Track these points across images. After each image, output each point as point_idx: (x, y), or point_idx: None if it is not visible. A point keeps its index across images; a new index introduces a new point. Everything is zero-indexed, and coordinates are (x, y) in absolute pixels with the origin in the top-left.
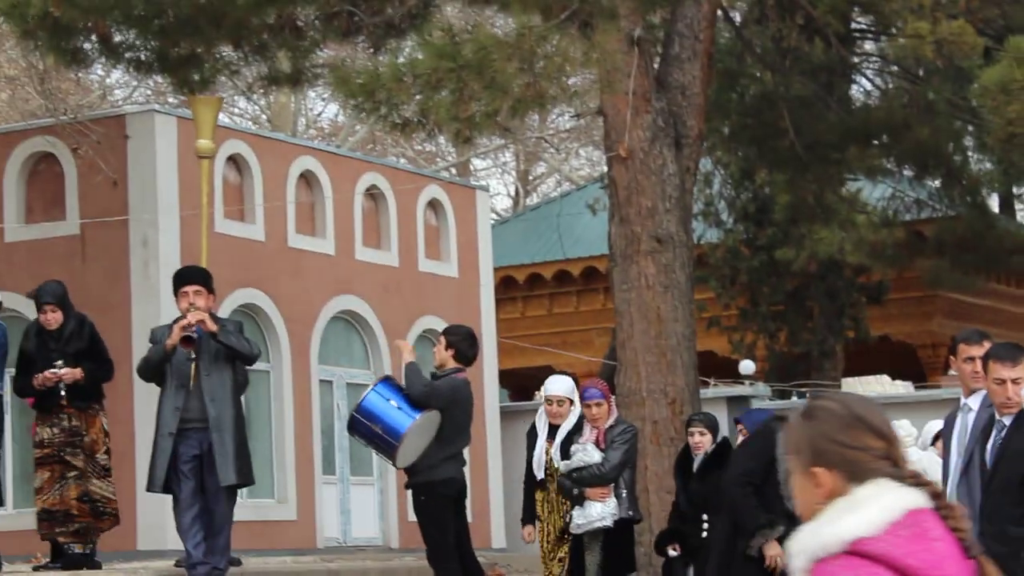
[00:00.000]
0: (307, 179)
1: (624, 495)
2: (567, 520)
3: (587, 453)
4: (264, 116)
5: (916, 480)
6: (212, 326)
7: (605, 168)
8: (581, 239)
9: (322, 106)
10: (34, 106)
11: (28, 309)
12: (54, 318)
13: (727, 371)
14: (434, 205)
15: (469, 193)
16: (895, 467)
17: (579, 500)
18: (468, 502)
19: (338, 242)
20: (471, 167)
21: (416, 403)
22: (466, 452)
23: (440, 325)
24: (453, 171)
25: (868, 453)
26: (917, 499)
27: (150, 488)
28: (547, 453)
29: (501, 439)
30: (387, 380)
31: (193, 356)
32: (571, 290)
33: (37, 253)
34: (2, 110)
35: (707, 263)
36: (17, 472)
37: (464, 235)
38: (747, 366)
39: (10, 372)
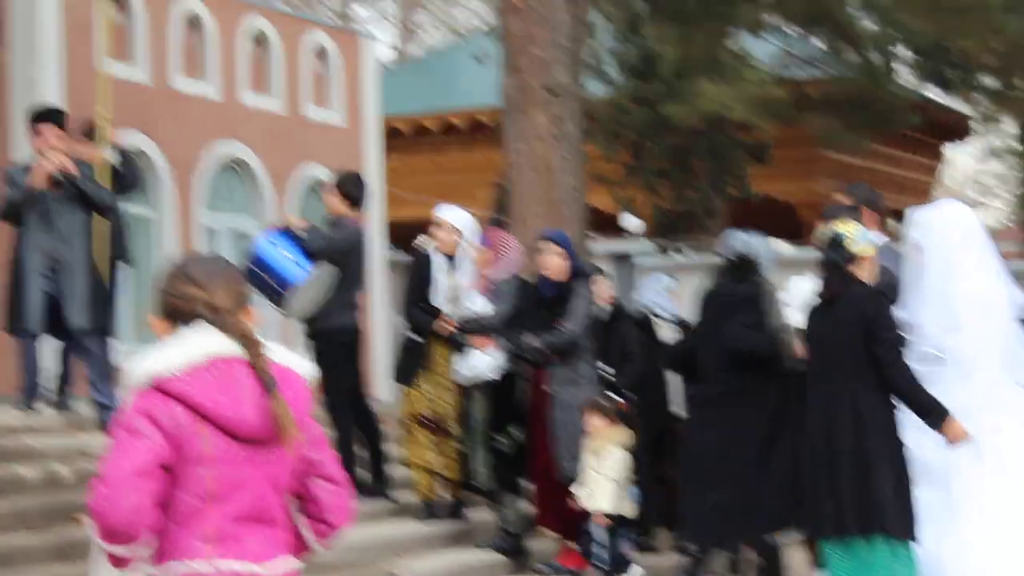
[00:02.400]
0: (191, 22)
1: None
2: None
3: (474, 302)
4: None
5: (238, 330)
6: (72, 169)
7: (489, 18)
8: (467, 91)
9: None
10: None
11: None
12: None
13: (611, 227)
14: (320, 53)
15: (355, 40)
16: (216, 315)
17: (463, 349)
18: None
19: (223, 87)
20: (352, 15)
21: (312, 255)
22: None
23: (325, 174)
24: (335, 19)
25: (182, 300)
26: (226, 347)
27: (17, 329)
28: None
29: (388, 290)
30: (282, 230)
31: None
32: (455, 142)
33: None
34: None
35: (593, 118)
36: None
37: (350, 83)
38: (632, 222)
39: None
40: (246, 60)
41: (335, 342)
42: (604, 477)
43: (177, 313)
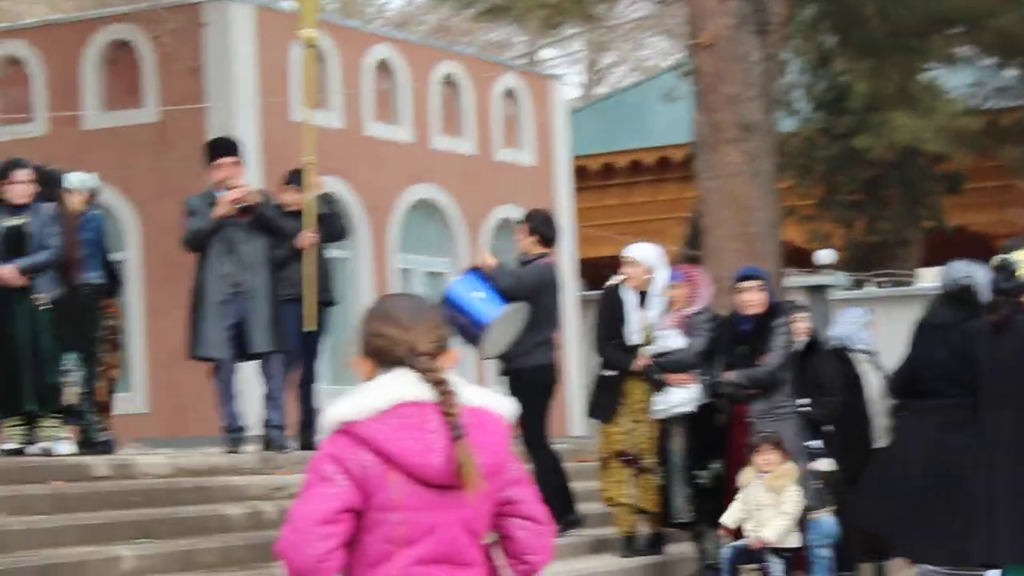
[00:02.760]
0: (383, 67)
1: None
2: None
3: (668, 339)
4: (333, 5)
5: (434, 375)
6: (254, 198)
7: (676, 57)
8: (654, 128)
9: None
10: None
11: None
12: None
13: (805, 261)
14: (510, 94)
15: (544, 82)
16: (416, 358)
17: (661, 386)
18: None
19: (415, 130)
20: (540, 56)
21: (504, 294)
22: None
23: (516, 214)
24: (524, 61)
25: (384, 341)
26: (419, 391)
27: (199, 354)
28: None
29: (580, 328)
30: (474, 271)
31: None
32: (645, 180)
33: (117, 140)
34: None
35: (783, 152)
36: None
37: (540, 124)
38: (825, 255)
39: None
40: (437, 104)
41: (530, 380)
42: (780, 511)
43: (379, 354)
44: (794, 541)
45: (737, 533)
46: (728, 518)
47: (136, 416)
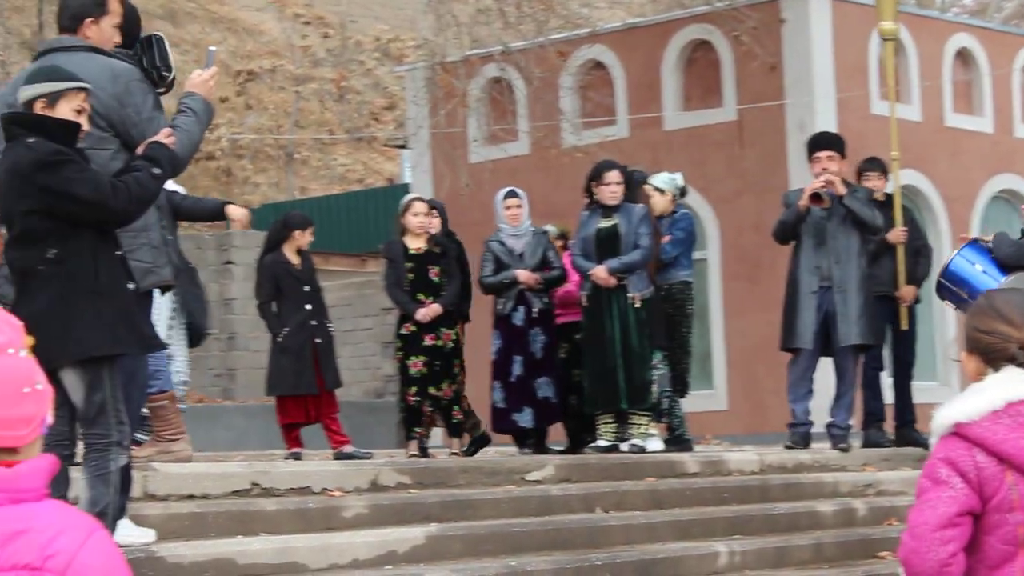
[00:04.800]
0: (963, 57)
1: None
2: None
3: None
4: None
5: None
6: (841, 189)
7: None
8: None
9: None
10: None
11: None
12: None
13: None
14: None
15: None
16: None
17: None
18: None
19: (996, 120)
20: None
21: (1004, 265)
22: None
23: None
24: None
25: (994, 338)
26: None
27: (791, 344)
28: None
29: None
30: (974, 243)
31: (824, 215)
32: None
33: (695, 139)
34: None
35: None
36: None
37: None
38: None
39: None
40: (1019, 92)
41: None
42: None
43: (988, 351)
44: None
45: None
46: None
47: (715, 413)
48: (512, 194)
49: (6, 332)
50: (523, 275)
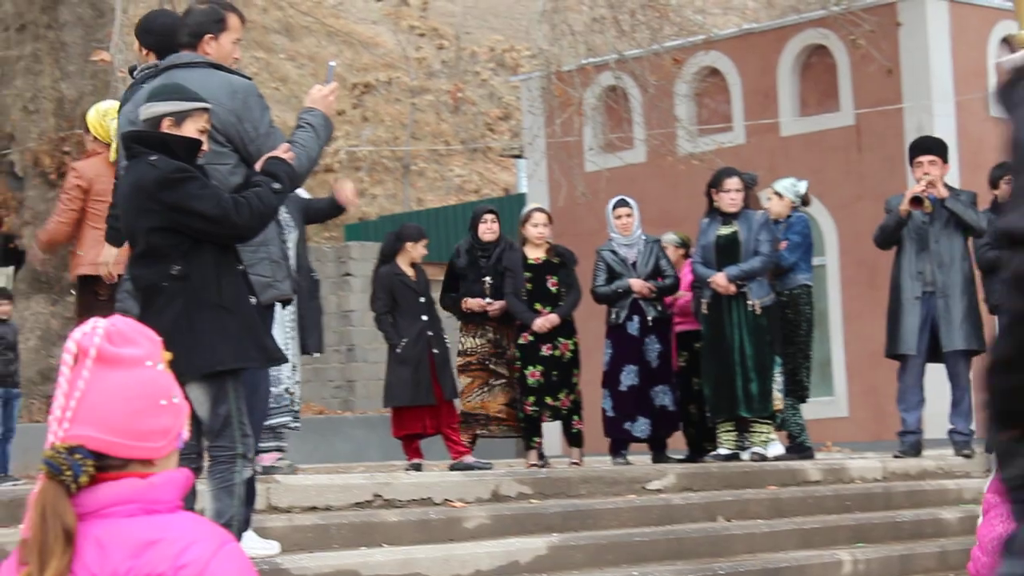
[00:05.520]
0: None
1: None
2: None
3: None
4: None
5: None
6: (943, 192)
7: None
8: None
9: None
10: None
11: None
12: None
13: None
14: None
15: None
16: None
17: None
18: None
19: None
20: None
21: None
22: None
23: None
24: None
25: None
26: None
27: (896, 350)
28: None
29: None
30: None
31: (927, 219)
32: None
33: (813, 145)
34: (778, 5)
35: None
36: None
37: None
38: None
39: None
40: None
41: None
42: None
43: None
44: None
45: None
46: None
47: (836, 420)
48: (622, 203)
49: (145, 345)
50: (636, 284)
